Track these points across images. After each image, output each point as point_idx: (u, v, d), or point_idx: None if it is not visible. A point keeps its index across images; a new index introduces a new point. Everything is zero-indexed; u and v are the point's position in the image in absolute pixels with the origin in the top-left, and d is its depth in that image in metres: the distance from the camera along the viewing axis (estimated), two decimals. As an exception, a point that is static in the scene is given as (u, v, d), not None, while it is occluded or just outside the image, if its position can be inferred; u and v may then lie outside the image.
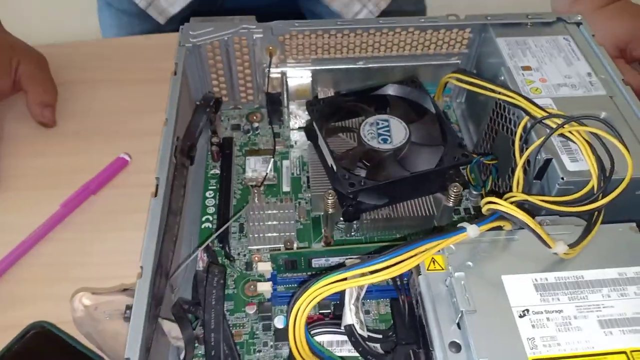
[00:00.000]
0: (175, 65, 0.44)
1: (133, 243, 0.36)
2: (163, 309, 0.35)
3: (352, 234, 0.45)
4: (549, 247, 0.32)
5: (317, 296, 0.30)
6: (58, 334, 0.39)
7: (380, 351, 0.35)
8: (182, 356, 0.34)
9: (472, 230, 0.32)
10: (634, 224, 0.36)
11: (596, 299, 0.32)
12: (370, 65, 0.53)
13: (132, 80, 0.59)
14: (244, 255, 0.44)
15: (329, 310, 0.40)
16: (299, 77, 0.52)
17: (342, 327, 0.34)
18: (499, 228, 0.35)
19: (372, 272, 0.30)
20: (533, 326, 0.31)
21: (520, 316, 0.31)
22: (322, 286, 0.30)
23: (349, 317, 0.33)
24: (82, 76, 0.60)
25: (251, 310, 0.40)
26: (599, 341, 0.31)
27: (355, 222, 0.43)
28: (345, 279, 0.31)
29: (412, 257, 0.31)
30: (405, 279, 0.37)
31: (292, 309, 0.30)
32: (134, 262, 0.33)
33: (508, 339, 0.30)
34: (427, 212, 0.43)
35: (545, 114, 0.40)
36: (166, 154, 0.38)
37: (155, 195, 0.35)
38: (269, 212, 0.46)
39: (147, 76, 0.58)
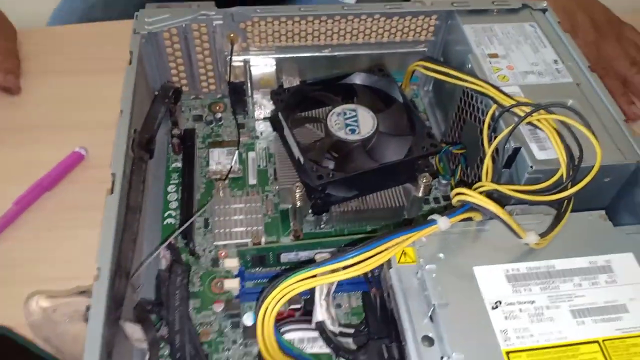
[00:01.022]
0: (130, 54, 0.42)
1: (90, 241, 0.33)
2: (125, 311, 0.34)
3: (322, 226, 0.44)
4: (520, 237, 0.32)
5: (285, 294, 0.29)
6: (16, 340, 0.37)
7: (353, 346, 0.34)
8: (146, 359, 0.32)
9: (443, 223, 0.31)
10: (604, 212, 0.37)
11: (568, 288, 0.32)
12: (336, 54, 0.52)
13: (87, 71, 0.56)
14: (210, 252, 0.42)
15: (300, 305, 0.39)
16: (262, 65, 0.51)
17: (313, 324, 0.32)
18: (470, 219, 0.34)
19: (342, 268, 0.29)
20: (506, 318, 0.31)
21: (493, 308, 0.31)
22: (291, 284, 0.29)
23: (320, 313, 0.32)
24: (32, 66, 0.56)
25: (219, 308, 0.39)
26: (572, 331, 0.31)
27: (324, 214, 0.42)
28: (314, 275, 0.30)
29: (382, 251, 0.30)
30: (377, 271, 0.36)
31: (259, 309, 0.28)
32: (91, 261, 0.31)
33: (481, 331, 0.30)
34: (397, 203, 0.42)
35: (513, 102, 0.39)
36: (121, 148, 0.36)
37: (112, 192, 0.33)
38: (235, 206, 0.44)
39: (103, 66, 0.55)
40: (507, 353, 0.29)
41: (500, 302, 0.31)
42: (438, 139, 0.51)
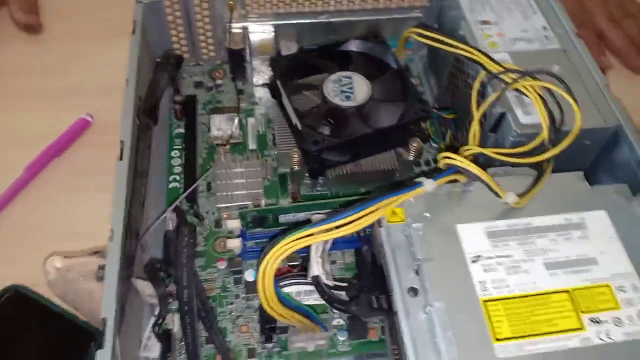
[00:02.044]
0: (134, 24, 0.43)
1: (99, 202, 0.36)
2: (135, 269, 0.37)
3: (318, 189, 0.46)
4: (500, 197, 0.34)
5: (284, 252, 0.32)
6: (32, 297, 0.40)
7: (346, 298, 0.37)
8: (156, 312, 0.35)
9: (428, 185, 0.34)
10: (581, 173, 0.39)
11: (543, 243, 0.35)
12: (333, 20, 0.53)
13: (87, 35, 0.57)
14: (213, 214, 0.45)
15: (298, 263, 0.42)
16: (261, 32, 0.52)
17: (309, 278, 0.35)
18: (455, 181, 0.37)
19: (336, 227, 0.32)
20: (484, 270, 0.33)
21: (473, 262, 0.34)
22: (289, 242, 0.32)
23: (315, 268, 0.35)
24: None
25: (222, 265, 0.42)
26: (544, 282, 0.33)
27: (320, 177, 0.44)
28: (311, 234, 0.32)
29: (373, 212, 0.33)
30: (369, 230, 0.39)
31: (260, 265, 0.31)
32: (102, 221, 0.34)
33: (461, 283, 0.33)
34: (389, 166, 0.45)
35: (501, 69, 0.41)
36: (129, 116, 0.38)
37: (121, 159, 0.35)
38: (236, 170, 0.47)
39: (103, 30, 0.56)
40: (484, 302, 0.32)
41: (480, 257, 0.34)
42: (432, 103, 0.53)
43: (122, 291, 0.32)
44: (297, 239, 0.32)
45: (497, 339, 0.31)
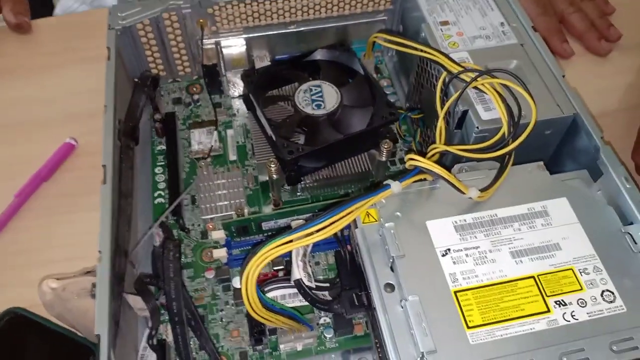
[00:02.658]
0: (108, 50, 0.45)
1: (90, 223, 0.37)
2: (127, 284, 0.38)
3: (298, 194, 0.49)
4: (463, 193, 0.36)
5: (265, 260, 0.34)
6: (32, 318, 0.41)
7: (329, 298, 0.39)
8: (149, 324, 0.37)
9: (395, 187, 0.36)
10: (541, 163, 0.41)
11: (508, 233, 0.37)
12: (302, 29, 0.55)
13: (62, 63, 0.58)
14: (199, 225, 0.47)
15: (282, 267, 0.44)
16: (233, 46, 0.54)
17: (292, 282, 0.37)
18: (424, 180, 0.39)
19: (312, 233, 0.34)
20: (454, 263, 0.36)
21: (443, 255, 0.36)
22: (269, 250, 0.34)
23: (297, 272, 0.37)
24: (6, 64, 0.59)
25: (210, 275, 0.44)
26: (511, 270, 0.36)
27: (298, 184, 0.46)
28: (289, 241, 0.34)
29: (346, 215, 0.35)
30: (347, 230, 0.41)
31: (242, 274, 0.33)
32: (93, 241, 0.35)
33: (433, 276, 0.35)
34: (363, 168, 0.47)
35: (460, 69, 0.43)
36: (109, 140, 0.40)
37: (104, 182, 0.37)
38: (218, 182, 0.48)
39: (77, 56, 0.58)
40: (455, 292, 0.34)
41: (449, 250, 0.36)
42: (403, 101, 0.55)
43: (115, 307, 0.34)
44: (276, 247, 0.34)
45: (469, 327, 0.33)
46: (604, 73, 0.62)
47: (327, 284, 0.40)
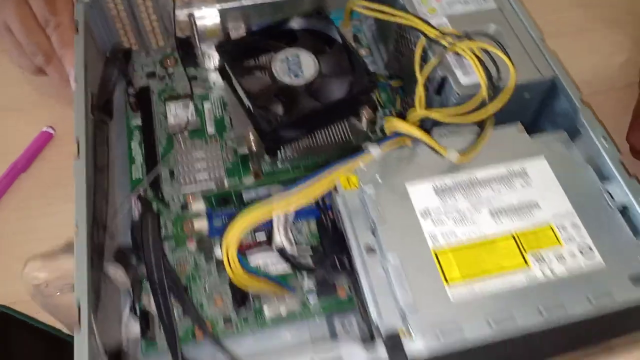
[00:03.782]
0: (76, 23, 0.43)
1: (70, 216, 0.36)
2: (107, 259, 0.38)
3: (279, 165, 0.48)
4: (442, 155, 0.36)
5: (245, 226, 0.33)
6: (14, 315, 0.40)
7: (311, 264, 0.39)
8: (131, 295, 0.37)
9: (374, 150, 0.36)
10: (520, 124, 0.41)
11: (487, 194, 0.37)
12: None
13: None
14: (179, 199, 0.46)
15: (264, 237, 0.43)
16: (207, 17, 0.53)
17: (274, 249, 0.37)
18: (403, 145, 0.39)
19: (292, 199, 0.34)
20: (434, 224, 0.36)
21: (423, 217, 0.36)
22: (249, 216, 0.34)
23: (279, 239, 0.37)
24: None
25: (192, 246, 0.43)
26: (490, 228, 0.36)
27: (279, 154, 0.46)
28: (269, 208, 0.34)
29: (325, 180, 0.34)
30: (328, 200, 0.41)
31: (223, 241, 0.33)
32: (74, 231, 0.34)
33: (413, 237, 0.35)
34: (344, 137, 0.46)
35: (438, 34, 0.43)
36: (81, 114, 0.39)
37: (78, 157, 0.36)
38: (197, 155, 0.48)
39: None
40: (435, 252, 0.35)
41: (429, 212, 0.36)
42: (382, 70, 0.55)
43: (95, 278, 0.34)
44: (257, 213, 0.33)
45: (449, 284, 0.33)
46: (596, 50, 0.61)
47: (310, 251, 0.40)
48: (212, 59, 0.54)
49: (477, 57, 0.41)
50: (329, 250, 0.39)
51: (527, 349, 0.31)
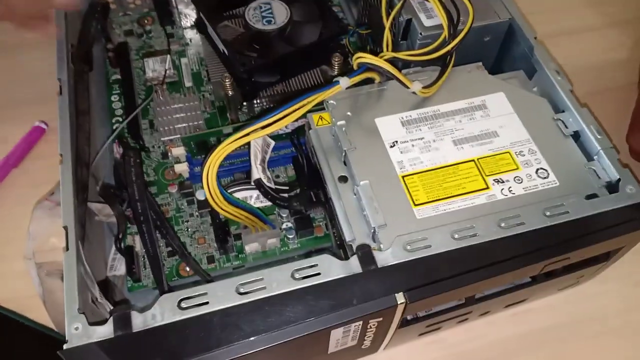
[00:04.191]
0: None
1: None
2: (91, 197, 0.40)
3: (256, 112, 0.50)
4: (407, 87, 0.39)
5: (223, 153, 0.35)
6: (5, 314, 0.40)
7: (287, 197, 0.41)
8: (116, 231, 0.39)
9: (343, 82, 0.38)
10: (480, 63, 0.44)
11: (450, 125, 0.40)
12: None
13: (14, 44, 0.55)
14: (159, 147, 0.48)
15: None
16: (182, -25, 0.54)
17: (252, 183, 0.39)
18: (371, 81, 0.41)
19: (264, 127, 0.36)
20: (401, 152, 0.38)
21: (391, 146, 0.38)
22: (227, 144, 0.36)
23: (256, 173, 0.39)
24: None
25: (173, 189, 0.45)
26: (453, 155, 0.39)
27: (255, 100, 0.48)
28: (247, 134, 0.36)
29: (298, 109, 0.37)
30: (303, 143, 0.43)
31: (203, 166, 0.35)
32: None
33: (382, 164, 0.38)
34: (316, 82, 0.48)
35: (402, -21, 0.45)
36: (63, 59, 0.40)
37: (60, 94, 0.38)
38: (175, 106, 0.49)
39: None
40: (402, 177, 0.37)
41: (397, 142, 0.39)
42: (352, 27, 0.57)
43: (80, 212, 0.36)
44: (234, 140, 0.35)
45: (416, 204, 0.36)
46: (595, 50, 0.60)
47: (287, 187, 0.42)
48: (188, 18, 0.55)
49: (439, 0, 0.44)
50: (304, 184, 0.41)
51: (487, 256, 0.34)
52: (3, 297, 0.41)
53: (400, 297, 0.32)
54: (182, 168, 0.45)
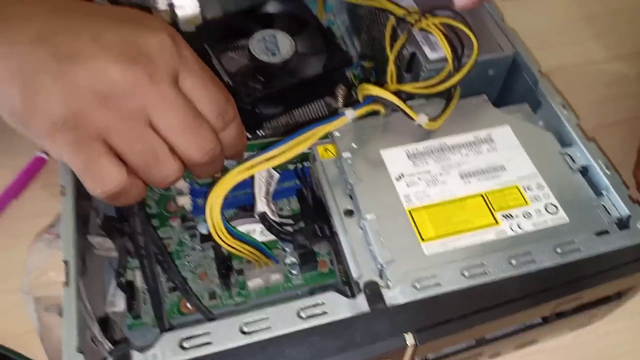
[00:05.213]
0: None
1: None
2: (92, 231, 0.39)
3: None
4: (413, 119, 0.39)
5: (228, 186, 0.35)
6: (5, 353, 0.39)
7: (292, 230, 0.41)
8: (115, 265, 0.38)
9: (349, 113, 0.38)
10: (485, 96, 0.44)
11: (457, 158, 0.40)
12: (254, -11, 0.56)
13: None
14: (161, 179, 0.48)
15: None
16: (186, 6, 0.54)
17: (256, 216, 0.39)
18: (377, 113, 0.41)
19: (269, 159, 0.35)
20: (407, 186, 0.38)
21: (397, 180, 0.38)
22: (231, 177, 0.35)
23: (260, 206, 0.39)
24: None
25: (175, 223, 0.44)
26: (460, 189, 0.38)
27: (258, 131, 0.48)
28: (251, 167, 0.36)
29: (303, 141, 0.36)
30: (309, 177, 0.43)
31: (207, 198, 0.34)
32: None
33: (388, 198, 0.37)
34: (320, 114, 0.48)
35: (406, 12, 0.45)
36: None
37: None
38: (178, 136, 0.49)
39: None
40: (410, 211, 0.36)
41: (403, 175, 0.38)
42: (356, 60, 0.57)
43: (81, 244, 0.35)
44: (239, 173, 0.35)
45: (424, 239, 0.35)
46: (600, 83, 0.60)
47: (291, 221, 0.42)
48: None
49: (442, 32, 0.44)
50: (309, 217, 0.40)
51: (499, 295, 0.33)
52: (6, 332, 0.40)
53: (410, 338, 0.31)
54: (185, 200, 0.44)
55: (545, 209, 0.37)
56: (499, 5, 0.49)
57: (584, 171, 0.40)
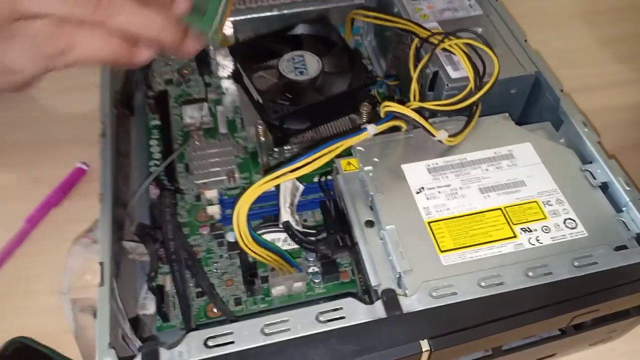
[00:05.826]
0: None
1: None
2: (126, 237, 0.41)
3: (286, 157, 0.52)
4: (433, 135, 0.40)
5: (254, 195, 0.37)
6: (38, 348, 0.41)
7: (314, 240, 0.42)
8: (147, 269, 0.40)
9: (371, 129, 0.39)
10: (507, 114, 0.45)
11: (477, 173, 0.41)
12: (284, 12, 0.58)
13: (66, 88, 0.57)
14: (193, 190, 0.50)
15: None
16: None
17: (280, 225, 0.40)
18: (398, 129, 0.43)
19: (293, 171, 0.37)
20: (427, 199, 0.39)
21: (417, 193, 0.39)
22: (259, 185, 0.37)
23: (285, 215, 0.40)
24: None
25: (205, 231, 0.47)
26: (480, 203, 0.39)
27: (285, 146, 0.50)
28: (276, 177, 0.37)
29: (326, 154, 0.38)
30: (332, 189, 0.44)
31: (234, 207, 0.36)
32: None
33: (408, 210, 0.38)
34: (345, 130, 0.50)
35: (429, 33, 0.47)
36: (106, 102, 0.43)
37: (104, 136, 0.40)
38: (210, 151, 0.51)
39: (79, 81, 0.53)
40: (429, 223, 0.38)
41: (423, 188, 0.39)
42: (381, 78, 0.59)
43: (115, 250, 0.37)
44: (265, 182, 0.37)
45: (442, 251, 0.36)
46: (621, 106, 0.60)
47: (315, 231, 0.43)
48: (225, 69, 0.59)
49: (464, 52, 0.45)
50: (331, 228, 0.42)
51: (514, 305, 0.33)
52: (36, 331, 0.42)
53: (425, 345, 0.31)
54: (215, 210, 0.46)
55: (564, 224, 0.38)
56: (521, 25, 0.51)
57: (604, 187, 0.40)
